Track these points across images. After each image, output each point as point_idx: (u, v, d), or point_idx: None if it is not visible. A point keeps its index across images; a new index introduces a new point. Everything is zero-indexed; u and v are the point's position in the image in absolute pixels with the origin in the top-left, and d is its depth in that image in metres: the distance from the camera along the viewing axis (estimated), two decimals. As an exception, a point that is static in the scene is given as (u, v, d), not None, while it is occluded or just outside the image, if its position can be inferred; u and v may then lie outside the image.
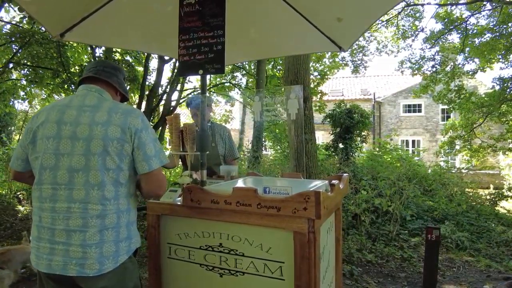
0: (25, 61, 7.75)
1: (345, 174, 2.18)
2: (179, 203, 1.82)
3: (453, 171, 10.32)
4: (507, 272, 3.97)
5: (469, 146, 11.97)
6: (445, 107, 19.63)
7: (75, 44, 7.90)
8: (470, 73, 11.41)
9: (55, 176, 1.42)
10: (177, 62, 2.58)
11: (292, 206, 1.52)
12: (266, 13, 2.70)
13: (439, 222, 5.86)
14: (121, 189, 1.48)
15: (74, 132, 1.42)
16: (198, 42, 1.99)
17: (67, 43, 7.20)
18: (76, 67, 8.08)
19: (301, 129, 4.29)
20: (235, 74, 13.03)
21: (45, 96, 9.65)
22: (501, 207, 7.81)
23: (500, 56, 10.25)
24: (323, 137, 17.15)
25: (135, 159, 1.49)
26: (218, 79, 13.10)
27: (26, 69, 8.47)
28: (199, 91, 2.16)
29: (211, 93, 12.06)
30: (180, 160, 2.82)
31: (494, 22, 9.91)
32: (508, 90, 9.82)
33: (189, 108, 2.99)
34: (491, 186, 12.70)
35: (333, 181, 1.90)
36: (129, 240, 1.52)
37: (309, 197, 1.48)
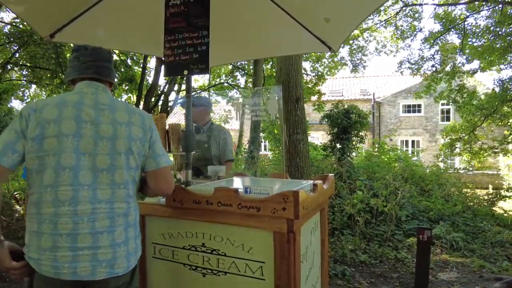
0: (24, 62, 7.78)
1: (330, 175, 2.18)
2: (163, 203, 1.83)
3: (451, 172, 10.28)
4: (500, 272, 3.96)
5: (469, 149, 11.88)
6: (445, 107, 19.64)
7: (72, 45, 7.91)
8: (470, 72, 11.32)
9: (76, 176, 1.32)
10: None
11: (271, 206, 1.53)
12: (255, 14, 2.70)
13: (434, 223, 5.84)
14: (135, 187, 1.52)
15: (96, 132, 1.37)
16: (183, 43, 2.01)
17: (64, 44, 7.22)
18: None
19: (293, 129, 4.31)
20: (234, 74, 13.05)
21: (45, 96, 9.72)
22: (498, 207, 7.77)
23: (500, 57, 10.18)
24: (322, 137, 17.14)
25: (147, 156, 1.51)
26: (218, 79, 13.12)
27: (25, 69, 8.51)
28: (199, 91, 2.17)
29: (210, 93, 12.07)
30: None
31: (493, 23, 9.87)
32: (508, 91, 9.76)
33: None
34: (490, 186, 12.64)
35: (317, 181, 1.90)
36: (139, 237, 1.54)
37: (288, 197, 1.49)
